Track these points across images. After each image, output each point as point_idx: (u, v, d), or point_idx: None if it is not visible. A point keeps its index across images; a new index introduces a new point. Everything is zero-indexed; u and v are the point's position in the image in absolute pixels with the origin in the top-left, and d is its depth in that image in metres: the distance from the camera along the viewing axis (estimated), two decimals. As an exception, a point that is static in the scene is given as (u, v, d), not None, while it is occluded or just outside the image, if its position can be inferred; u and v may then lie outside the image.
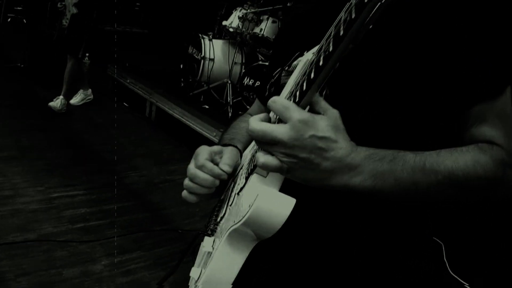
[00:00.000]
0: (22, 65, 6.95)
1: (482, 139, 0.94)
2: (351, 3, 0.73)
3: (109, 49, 5.83)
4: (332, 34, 0.77)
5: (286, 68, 1.20)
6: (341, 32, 0.73)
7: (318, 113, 0.85)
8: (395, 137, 0.97)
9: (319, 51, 0.81)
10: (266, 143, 0.85)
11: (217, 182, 1.10)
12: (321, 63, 0.78)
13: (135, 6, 6.18)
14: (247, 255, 0.97)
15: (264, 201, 0.86)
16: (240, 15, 5.97)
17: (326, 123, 0.84)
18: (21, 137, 4.83)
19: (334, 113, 0.86)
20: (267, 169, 0.88)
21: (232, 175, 1.18)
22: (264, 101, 1.37)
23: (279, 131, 0.83)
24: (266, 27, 5.76)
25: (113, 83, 6.92)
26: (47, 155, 4.50)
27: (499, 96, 0.94)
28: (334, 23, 0.78)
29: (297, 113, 0.82)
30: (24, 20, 6.84)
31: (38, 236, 3.19)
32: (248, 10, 5.94)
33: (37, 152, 4.54)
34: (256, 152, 0.97)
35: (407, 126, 1.00)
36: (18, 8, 6.83)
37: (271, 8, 5.88)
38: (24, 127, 5.10)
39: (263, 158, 0.86)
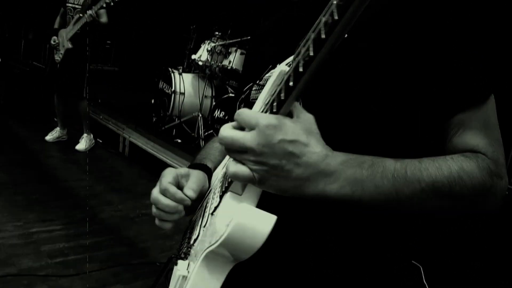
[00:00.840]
0: (-3, 102, 7.03)
1: (465, 148, 0.90)
2: (332, 3, 0.68)
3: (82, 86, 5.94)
4: (312, 38, 0.72)
5: (258, 81, 1.15)
6: (323, 35, 0.69)
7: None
8: (373, 146, 0.93)
9: (296, 57, 0.76)
10: (236, 151, 0.82)
11: (181, 207, 1.04)
12: (301, 69, 0.73)
13: (106, 44, 6.34)
14: (224, 277, 0.92)
15: (243, 218, 0.80)
16: (209, 48, 6.07)
17: (296, 126, 0.80)
18: (-2, 172, 4.88)
19: (307, 116, 0.82)
20: (238, 180, 0.85)
21: (199, 199, 1.12)
22: None
23: (247, 137, 0.79)
24: (234, 59, 5.90)
25: (91, 122, 7.00)
26: (24, 190, 4.54)
27: (482, 104, 0.91)
28: (313, 27, 0.73)
29: (263, 119, 0.79)
30: (-1, 59, 6.94)
31: (18, 270, 3.22)
32: (217, 43, 6.05)
33: (14, 187, 4.57)
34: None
35: (386, 134, 0.96)
36: (-9, 47, 6.96)
37: (239, 40, 6.00)
38: (0, 163, 5.13)
39: (233, 167, 0.82)
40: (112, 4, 5.22)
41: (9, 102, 7.03)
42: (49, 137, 6.25)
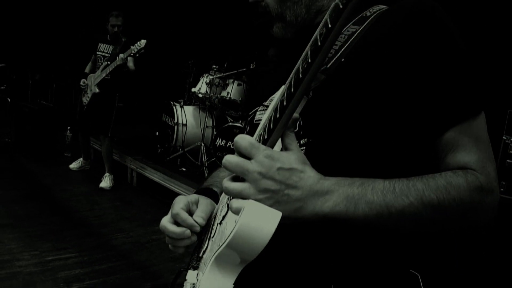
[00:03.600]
0: (9, 140, 7.21)
1: (457, 166, 0.91)
2: (307, 51, 0.77)
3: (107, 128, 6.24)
4: (295, 71, 0.83)
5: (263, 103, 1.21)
6: (300, 75, 0.81)
7: (285, 148, 0.89)
8: (368, 169, 0.96)
9: (287, 87, 0.86)
10: (238, 175, 0.88)
11: (188, 232, 1.06)
12: (285, 103, 0.85)
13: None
14: (233, 282, 0.91)
15: (251, 213, 0.82)
16: (207, 81, 6.27)
17: (292, 157, 0.87)
18: (13, 206, 5.04)
19: (299, 150, 0.89)
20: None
21: (207, 225, 1.14)
22: None
23: (250, 165, 0.85)
24: (232, 90, 6.09)
25: (95, 154, 7.23)
26: (39, 222, 4.70)
27: (472, 120, 0.92)
28: (295, 68, 0.84)
29: (261, 150, 0.86)
30: (8, 98, 7.17)
31: (37, 297, 3.33)
32: (214, 76, 6.24)
33: (29, 220, 4.73)
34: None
35: (381, 157, 0.98)
36: (2, 87, 7.18)
37: (235, 72, 6.18)
38: (15, 198, 5.32)
39: (236, 204, 0.86)
40: (137, 55, 5.52)
41: (20, 140, 7.25)
42: (73, 166, 6.71)
